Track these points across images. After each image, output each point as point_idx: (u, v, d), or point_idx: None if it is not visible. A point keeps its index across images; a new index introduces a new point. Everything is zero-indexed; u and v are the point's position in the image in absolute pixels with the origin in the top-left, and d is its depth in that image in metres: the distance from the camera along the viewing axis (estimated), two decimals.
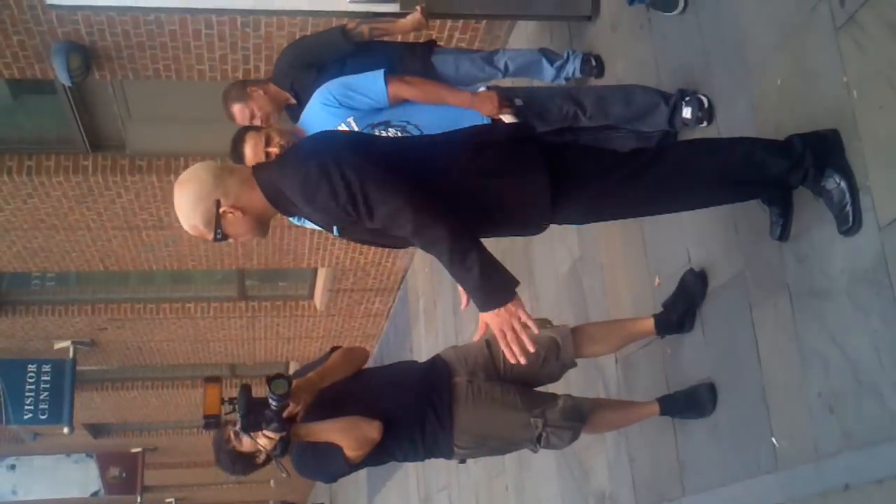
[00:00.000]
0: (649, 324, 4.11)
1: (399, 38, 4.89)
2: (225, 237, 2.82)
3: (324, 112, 3.91)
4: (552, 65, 4.93)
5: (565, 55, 5.01)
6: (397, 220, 2.66)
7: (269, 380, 3.34)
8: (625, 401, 4.22)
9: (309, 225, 3.24)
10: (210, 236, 2.82)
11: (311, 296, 12.31)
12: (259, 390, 3.46)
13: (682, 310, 4.06)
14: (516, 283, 2.78)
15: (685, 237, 4.18)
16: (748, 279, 3.68)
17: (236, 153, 4.05)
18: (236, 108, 4.52)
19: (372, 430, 3.59)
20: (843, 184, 2.96)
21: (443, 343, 9.19)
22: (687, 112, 3.92)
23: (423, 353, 10.20)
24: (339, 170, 2.64)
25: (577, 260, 5.52)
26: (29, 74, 6.63)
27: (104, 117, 7.92)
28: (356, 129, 3.88)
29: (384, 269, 10.95)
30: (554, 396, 3.88)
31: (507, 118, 3.91)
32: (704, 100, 3.90)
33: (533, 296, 6.36)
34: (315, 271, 11.77)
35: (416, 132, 3.91)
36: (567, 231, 5.60)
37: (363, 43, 4.50)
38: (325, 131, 3.07)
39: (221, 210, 2.75)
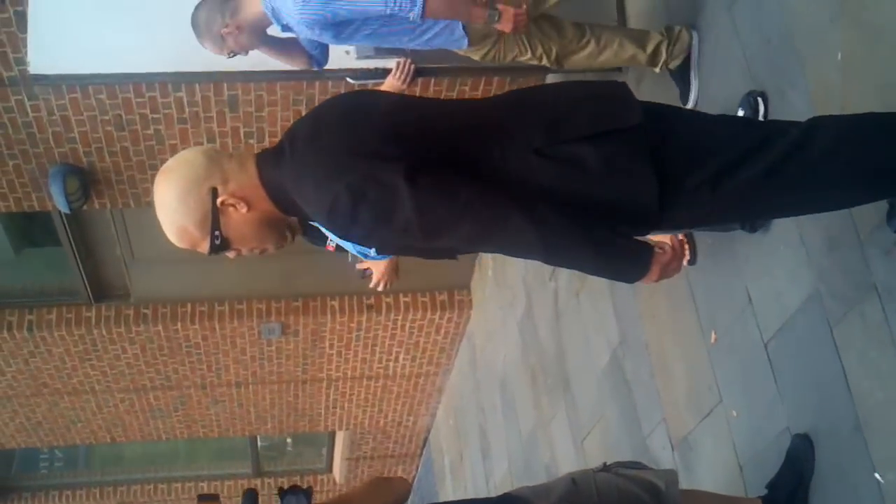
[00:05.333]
0: None
1: None
2: (226, 244, 2.11)
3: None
4: None
5: None
6: (508, 240, 2.05)
7: (283, 493, 2.66)
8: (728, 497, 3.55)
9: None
10: (205, 244, 2.10)
11: (330, 468, 11.66)
12: None
13: (791, 486, 3.37)
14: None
15: (741, 274, 3.72)
16: (823, 296, 3.20)
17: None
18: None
19: None
20: None
21: (473, 495, 8.54)
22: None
23: None
24: (382, 189, 1.96)
25: (618, 346, 5.02)
26: (26, 206, 6.33)
27: (107, 262, 7.57)
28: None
29: (405, 429, 10.36)
30: None
31: None
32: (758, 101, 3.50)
33: (570, 404, 5.81)
34: (332, 438, 11.18)
35: None
36: (604, 317, 5.14)
37: None
38: (340, 98, 2.24)
39: (220, 200, 2.06)
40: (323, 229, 2.27)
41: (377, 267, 3.90)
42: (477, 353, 8.19)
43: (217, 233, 2.08)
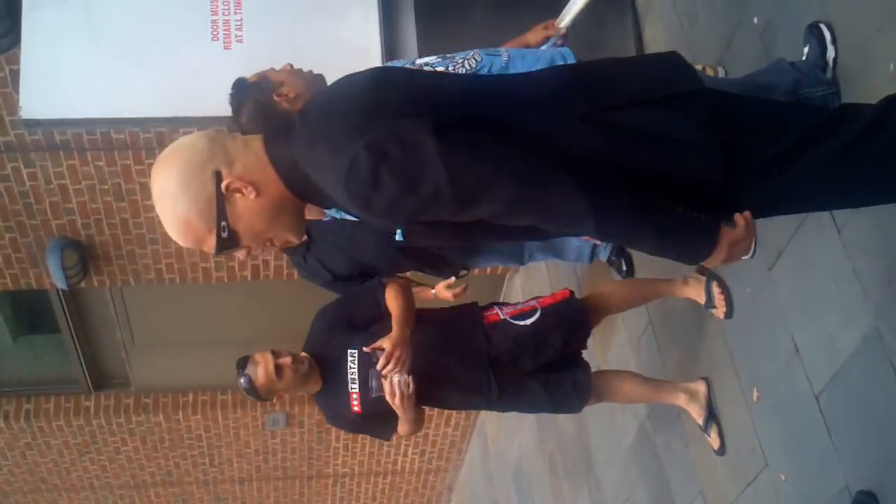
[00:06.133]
0: None
1: None
2: (234, 237, 1.82)
3: None
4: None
5: None
6: (553, 207, 1.75)
7: None
8: None
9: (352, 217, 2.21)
10: (211, 239, 1.81)
11: None
12: None
13: None
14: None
15: (785, 321, 3.41)
16: (884, 334, 2.88)
17: None
18: None
19: None
20: None
21: None
22: None
23: None
24: (408, 147, 1.68)
25: (646, 418, 4.67)
26: (23, 284, 6.09)
27: (107, 348, 7.28)
28: None
29: None
30: None
31: None
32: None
33: (593, 487, 5.44)
34: None
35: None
36: None
37: None
38: (355, 74, 1.94)
39: (224, 184, 1.78)
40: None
41: (389, 341, 3.60)
42: (489, 443, 7.81)
43: (224, 223, 1.79)
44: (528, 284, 6.61)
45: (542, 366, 3.80)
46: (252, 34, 4.05)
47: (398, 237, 1.84)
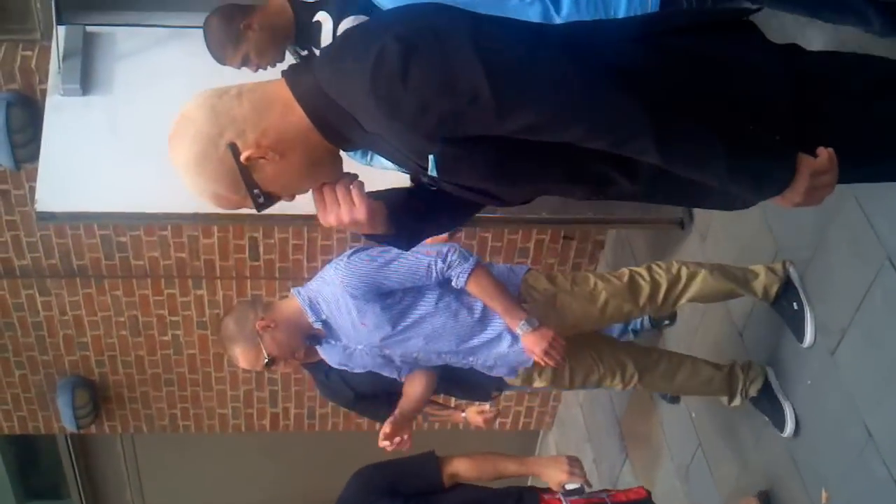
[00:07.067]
0: None
1: None
2: (273, 198, 1.71)
3: None
4: None
5: None
6: (606, 116, 1.51)
7: None
8: None
9: (383, 165, 1.90)
10: (249, 204, 1.71)
11: None
12: None
13: None
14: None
15: (853, 407, 3.09)
16: None
17: None
18: None
19: None
20: None
21: None
22: None
23: None
24: (440, 38, 1.50)
25: None
26: (31, 428, 5.81)
27: None
28: None
29: None
30: None
31: None
32: None
33: None
34: None
35: None
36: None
37: None
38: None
39: (244, 157, 1.63)
40: None
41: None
42: None
43: (256, 190, 1.67)
44: (563, 441, 6.25)
45: None
46: None
47: (431, 170, 1.61)
